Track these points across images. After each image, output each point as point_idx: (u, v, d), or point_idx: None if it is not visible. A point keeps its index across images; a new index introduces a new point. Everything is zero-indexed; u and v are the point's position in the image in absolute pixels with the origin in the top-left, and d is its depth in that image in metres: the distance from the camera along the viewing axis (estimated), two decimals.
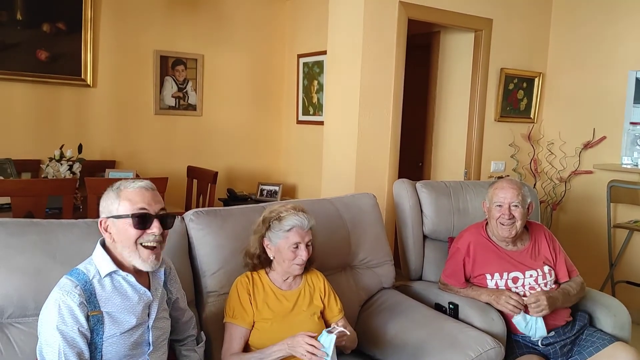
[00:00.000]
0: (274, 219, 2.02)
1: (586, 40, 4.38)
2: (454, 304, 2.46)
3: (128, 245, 1.61)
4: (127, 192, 1.63)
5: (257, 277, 2.09)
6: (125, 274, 1.64)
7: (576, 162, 4.44)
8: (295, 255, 2.00)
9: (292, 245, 1.99)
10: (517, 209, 2.45)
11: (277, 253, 2.02)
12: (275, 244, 2.02)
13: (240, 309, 2.01)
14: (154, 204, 1.65)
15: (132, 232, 1.60)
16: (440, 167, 4.73)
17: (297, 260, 2.00)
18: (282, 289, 2.08)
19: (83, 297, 1.54)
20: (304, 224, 1.99)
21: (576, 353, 2.42)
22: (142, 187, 1.65)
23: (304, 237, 2.00)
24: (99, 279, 1.60)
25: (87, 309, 1.54)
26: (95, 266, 1.62)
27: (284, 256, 2.00)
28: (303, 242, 2.00)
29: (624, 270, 4.13)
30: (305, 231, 2.00)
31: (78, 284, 1.56)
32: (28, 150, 4.18)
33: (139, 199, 1.62)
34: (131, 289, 1.65)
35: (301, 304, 2.08)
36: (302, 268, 2.04)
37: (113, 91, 4.55)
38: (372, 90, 3.71)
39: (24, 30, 4.15)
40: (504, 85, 4.41)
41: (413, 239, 2.92)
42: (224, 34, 4.99)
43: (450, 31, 4.52)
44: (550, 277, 2.50)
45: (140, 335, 1.65)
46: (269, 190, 4.97)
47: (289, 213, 2.01)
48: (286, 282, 2.09)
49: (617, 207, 4.17)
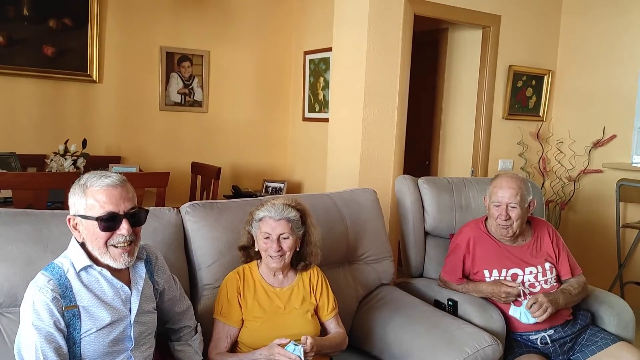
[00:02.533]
0: (255, 210, 1.99)
1: (597, 38, 4.31)
2: (453, 301, 2.42)
3: (97, 247, 1.56)
4: (93, 191, 1.54)
5: (249, 272, 2.03)
6: (100, 268, 1.58)
7: (585, 161, 4.37)
8: (267, 246, 1.93)
9: (264, 236, 1.93)
10: (515, 209, 2.40)
11: (258, 245, 1.98)
12: (255, 235, 1.98)
13: (228, 307, 1.97)
14: (122, 202, 1.55)
15: (100, 234, 1.54)
16: (447, 165, 4.68)
17: (269, 252, 1.93)
18: (274, 285, 2.03)
19: (57, 292, 1.50)
20: (274, 214, 1.92)
21: (577, 352, 2.37)
22: (109, 185, 1.54)
23: (275, 228, 1.91)
24: (75, 273, 1.56)
25: (62, 303, 1.50)
26: (70, 260, 1.58)
27: (260, 247, 1.96)
28: (274, 232, 1.91)
29: (633, 270, 4.05)
30: (276, 221, 1.91)
31: (52, 278, 1.52)
32: (33, 145, 4.20)
33: (105, 199, 1.53)
34: (107, 283, 1.59)
35: (294, 301, 2.02)
36: (277, 261, 1.94)
37: (119, 87, 4.56)
38: (377, 87, 3.67)
39: (30, 26, 4.17)
40: (513, 83, 4.35)
41: (414, 235, 2.89)
42: (230, 30, 4.99)
43: (458, 28, 4.48)
44: (551, 274, 2.44)
45: (122, 331, 1.60)
46: (274, 187, 4.95)
47: (268, 204, 1.97)
48: (277, 278, 2.04)
49: (627, 206, 4.10)
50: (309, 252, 2.05)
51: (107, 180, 1.55)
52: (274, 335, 1.87)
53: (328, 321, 2.08)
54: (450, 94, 4.63)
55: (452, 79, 4.61)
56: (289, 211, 1.95)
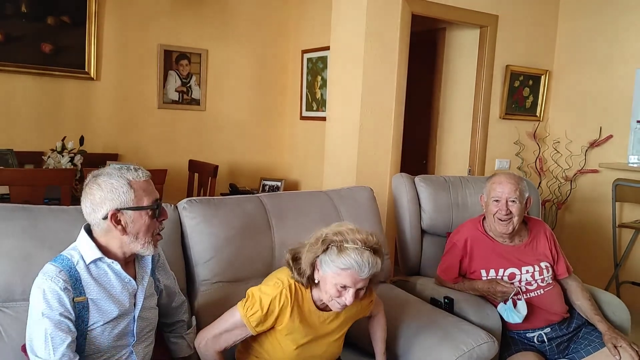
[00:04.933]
0: (334, 245, 1.69)
1: (594, 38, 4.32)
2: (449, 298, 2.42)
3: (143, 236, 1.59)
4: (139, 183, 1.58)
5: (300, 292, 1.82)
6: (110, 261, 1.59)
7: (582, 161, 4.38)
8: (340, 295, 1.71)
9: (340, 284, 1.69)
10: (515, 204, 2.41)
11: (322, 281, 1.74)
12: (324, 272, 1.72)
13: (261, 317, 1.77)
14: (156, 193, 1.65)
15: (153, 223, 1.60)
16: (445, 164, 4.69)
17: (339, 300, 1.72)
18: (320, 308, 1.86)
19: (68, 283, 1.51)
20: (363, 269, 1.65)
21: (573, 351, 2.37)
22: (148, 177, 1.62)
23: (357, 283, 1.68)
24: (84, 265, 1.56)
25: (73, 294, 1.51)
26: (79, 252, 1.58)
27: (327, 290, 1.73)
28: (354, 287, 1.69)
29: (629, 270, 4.07)
30: (361, 278, 1.68)
31: (62, 269, 1.53)
32: (31, 142, 4.20)
33: (151, 189, 1.61)
34: (115, 276, 1.60)
35: (334, 325, 1.89)
36: (340, 309, 1.76)
37: (117, 84, 4.56)
38: (374, 86, 3.68)
39: (28, 23, 4.17)
40: (510, 83, 4.36)
41: (411, 234, 2.89)
42: (229, 29, 4.99)
43: (455, 28, 4.49)
44: (547, 273, 2.45)
45: (125, 326, 1.62)
46: (271, 186, 4.95)
47: (355, 247, 1.67)
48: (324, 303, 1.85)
49: (623, 206, 4.11)
50: (369, 288, 1.88)
51: (144, 172, 1.62)
52: (300, 357, 1.83)
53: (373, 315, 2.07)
54: (447, 93, 4.64)
55: (450, 78, 4.62)
56: (376, 264, 1.69)
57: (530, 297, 2.39)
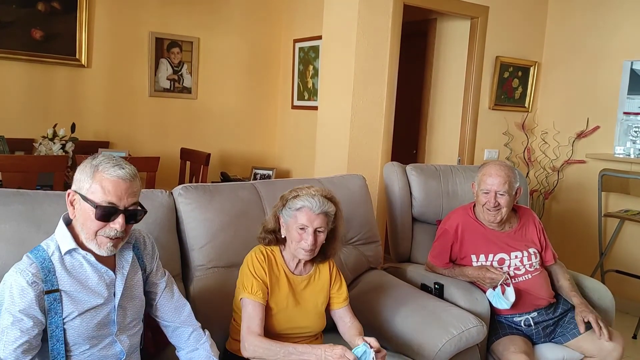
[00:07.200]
0: (290, 197, 1.94)
1: (582, 29, 4.38)
2: (439, 284, 2.47)
3: (86, 231, 1.53)
4: (102, 177, 1.50)
5: (272, 254, 2.00)
6: (84, 252, 1.56)
7: (569, 152, 4.45)
8: (301, 237, 1.90)
9: (299, 226, 1.89)
10: (503, 197, 2.46)
11: (288, 232, 1.94)
12: (286, 222, 1.93)
13: (259, 284, 1.91)
14: (126, 197, 1.52)
15: (94, 222, 1.51)
16: (434, 154, 4.74)
17: (302, 244, 1.90)
18: (294, 272, 2.01)
19: (38, 276, 1.48)
20: (314, 206, 1.87)
21: (559, 335, 2.44)
22: (119, 177, 1.51)
23: (313, 221, 1.87)
24: (59, 256, 1.54)
25: (43, 287, 1.48)
26: (56, 242, 1.56)
27: (292, 236, 1.92)
28: (311, 225, 1.88)
29: (614, 259, 4.15)
30: (315, 214, 1.87)
31: (34, 261, 1.50)
32: (22, 129, 4.17)
33: (111, 190, 1.50)
34: (91, 268, 1.57)
35: (307, 292, 2.01)
36: (309, 254, 1.92)
37: (108, 72, 4.54)
38: (366, 76, 3.70)
39: (18, 9, 4.13)
40: (499, 74, 4.41)
41: (402, 221, 2.94)
42: (220, 17, 4.98)
43: (446, 18, 4.52)
44: (535, 259, 2.52)
45: (106, 315, 1.59)
46: (262, 174, 4.97)
47: (305, 193, 1.92)
48: (297, 267, 2.01)
49: (609, 196, 4.18)
50: (333, 247, 2.02)
51: (119, 171, 1.52)
52: (285, 325, 1.90)
53: (341, 309, 2.04)
54: (438, 83, 4.68)
55: (440, 68, 4.66)
56: (328, 205, 1.91)
57: (518, 282, 2.45)
